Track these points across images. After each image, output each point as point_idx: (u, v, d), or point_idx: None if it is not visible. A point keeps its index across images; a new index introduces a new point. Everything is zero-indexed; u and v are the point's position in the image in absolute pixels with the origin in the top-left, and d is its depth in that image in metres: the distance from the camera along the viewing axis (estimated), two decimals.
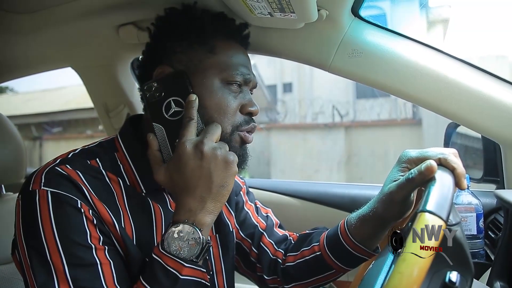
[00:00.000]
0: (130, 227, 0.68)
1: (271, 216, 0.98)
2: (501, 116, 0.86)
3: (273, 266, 0.90)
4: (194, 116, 0.67)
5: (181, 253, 0.61)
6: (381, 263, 0.61)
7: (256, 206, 0.98)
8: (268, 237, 0.92)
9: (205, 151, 0.63)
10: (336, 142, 7.77)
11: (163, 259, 0.60)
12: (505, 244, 0.80)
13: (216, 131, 0.68)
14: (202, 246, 0.62)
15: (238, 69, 0.74)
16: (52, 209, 0.61)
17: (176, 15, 0.78)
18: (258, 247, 0.91)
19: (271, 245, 0.91)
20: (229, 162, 0.65)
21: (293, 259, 0.88)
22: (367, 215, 0.77)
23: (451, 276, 0.51)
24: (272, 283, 0.90)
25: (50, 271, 0.59)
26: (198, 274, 0.62)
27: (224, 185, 0.64)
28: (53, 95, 9.86)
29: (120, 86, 1.30)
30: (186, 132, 0.66)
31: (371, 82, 0.92)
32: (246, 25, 0.85)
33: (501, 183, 0.97)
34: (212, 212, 0.64)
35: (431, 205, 0.52)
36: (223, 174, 0.64)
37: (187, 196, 0.63)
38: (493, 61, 5.97)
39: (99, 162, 0.70)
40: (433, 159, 0.64)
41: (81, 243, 0.61)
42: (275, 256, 0.90)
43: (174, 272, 0.60)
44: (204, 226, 0.63)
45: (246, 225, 0.93)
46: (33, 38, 1.13)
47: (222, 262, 0.86)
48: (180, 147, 0.65)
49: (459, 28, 6.53)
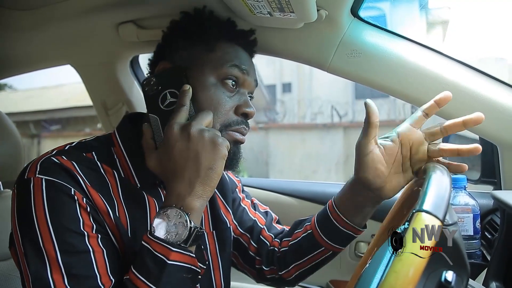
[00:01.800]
0: (125, 218, 0.69)
1: (270, 212, 0.99)
2: (499, 118, 0.87)
3: (271, 256, 0.91)
4: (186, 103, 0.68)
5: (169, 238, 0.60)
6: (377, 262, 0.61)
7: (253, 203, 0.99)
8: (267, 231, 0.94)
9: (192, 132, 0.63)
10: (334, 142, 7.77)
11: (151, 245, 0.60)
12: (501, 245, 0.81)
13: (206, 117, 0.68)
14: (190, 230, 0.61)
15: (234, 66, 0.75)
16: (46, 197, 0.61)
17: (188, 19, 0.81)
18: (257, 241, 0.92)
19: (270, 238, 0.93)
20: (217, 144, 0.64)
21: (287, 243, 0.90)
22: (349, 183, 0.79)
23: (446, 275, 0.51)
24: (270, 273, 0.92)
25: (43, 259, 0.59)
26: (186, 259, 0.61)
27: (213, 168, 0.63)
28: (52, 93, 9.83)
29: (119, 84, 1.30)
30: (176, 116, 0.66)
31: (370, 82, 0.92)
32: (253, 32, 0.85)
33: (498, 184, 0.97)
34: (201, 196, 0.63)
35: (428, 205, 0.53)
36: (211, 156, 0.63)
37: (175, 181, 0.63)
38: (492, 63, 5.98)
39: (95, 155, 0.71)
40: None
41: (74, 230, 0.61)
42: (272, 246, 0.92)
43: (162, 257, 0.59)
44: (193, 211, 0.62)
45: (244, 220, 0.94)
46: (32, 35, 1.13)
47: (219, 259, 0.86)
48: (168, 130, 0.65)
49: (458, 30, 6.54)
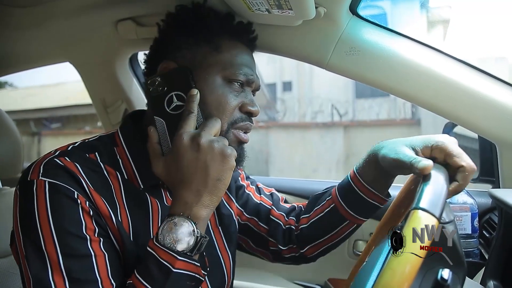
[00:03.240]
0: (126, 221, 0.69)
1: (275, 193, 0.99)
2: (497, 116, 0.87)
3: (288, 235, 0.90)
4: (194, 109, 0.68)
5: (175, 246, 0.61)
6: (374, 261, 0.61)
7: (258, 187, 0.99)
8: (277, 210, 0.93)
9: (202, 143, 0.63)
10: (335, 141, 7.76)
11: (157, 252, 0.60)
12: (499, 243, 0.80)
13: (215, 125, 0.68)
14: (197, 240, 0.61)
15: (241, 68, 0.75)
16: (49, 199, 0.61)
17: (185, 13, 0.79)
18: (267, 222, 0.92)
19: (282, 217, 0.92)
20: (226, 156, 0.64)
21: (307, 220, 0.89)
22: (371, 157, 0.78)
23: (443, 273, 0.51)
24: (289, 252, 0.91)
25: (44, 261, 0.59)
26: (191, 268, 0.62)
27: (221, 179, 0.64)
28: (53, 91, 9.83)
29: (118, 82, 1.29)
30: (185, 124, 0.66)
31: (368, 80, 0.92)
32: (251, 25, 0.85)
33: (497, 183, 0.97)
34: (208, 206, 0.64)
35: (425, 203, 0.53)
36: (220, 168, 0.64)
37: (183, 189, 0.64)
38: (492, 63, 5.97)
39: (98, 156, 0.70)
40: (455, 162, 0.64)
41: (76, 233, 0.61)
42: (288, 225, 0.91)
43: (167, 265, 0.60)
44: (199, 220, 0.63)
45: (249, 205, 0.94)
46: (32, 32, 1.13)
47: (229, 253, 0.87)
48: (177, 139, 0.65)
49: (459, 29, 6.53)
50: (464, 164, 0.64)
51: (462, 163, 0.64)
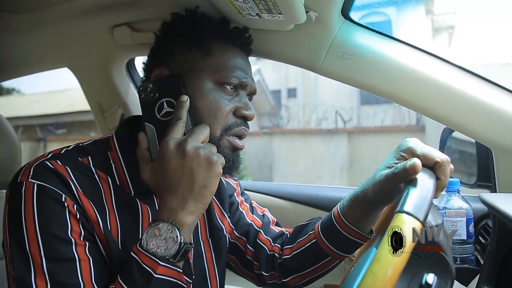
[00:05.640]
0: (115, 226, 0.68)
1: (267, 215, 0.98)
2: (493, 121, 0.86)
3: (271, 262, 0.90)
4: (182, 116, 0.68)
5: (158, 252, 0.60)
6: (361, 265, 0.60)
7: (251, 206, 0.98)
8: (264, 234, 0.92)
9: (187, 149, 0.63)
10: (338, 147, 7.74)
11: (140, 257, 0.60)
12: (493, 249, 0.79)
13: (203, 132, 0.68)
14: (180, 246, 0.61)
15: (234, 71, 0.75)
16: (36, 201, 0.61)
17: (179, 19, 0.80)
18: (254, 245, 0.91)
19: (268, 242, 0.91)
20: (212, 162, 0.64)
21: (290, 251, 0.88)
22: (358, 196, 0.76)
23: (427, 278, 0.51)
24: (271, 279, 0.90)
25: (28, 263, 0.59)
26: (173, 274, 0.61)
27: (207, 186, 0.64)
28: (58, 97, 9.94)
29: (115, 87, 1.30)
30: (172, 131, 0.66)
31: (361, 84, 0.92)
32: (247, 30, 0.85)
33: (494, 188, 0.96)
34: (193, 212, 0.64)
35: (409, 206, 0.52)
36: (206, 174, 0.64)
37: (169, 195, 0.63)
38: (497, 68, 5.93)
39: (90, 160, 0.71)
40: (428, 159, 0.63)
41: (61, 236, 0.61)
42: (272, 251, 0.90)
43: (149, 270, 0.59)
44: (184, 226, 0.62)
45: (241, 224, 0.93)
46: (29, 38, 1.14)
47: (216, 267, 0.85)
48: (163, 145, 0.65)
49: (464, 35, 6.50)
50: (437, 160, 0.63)
51: (435, 159, 0.63)
